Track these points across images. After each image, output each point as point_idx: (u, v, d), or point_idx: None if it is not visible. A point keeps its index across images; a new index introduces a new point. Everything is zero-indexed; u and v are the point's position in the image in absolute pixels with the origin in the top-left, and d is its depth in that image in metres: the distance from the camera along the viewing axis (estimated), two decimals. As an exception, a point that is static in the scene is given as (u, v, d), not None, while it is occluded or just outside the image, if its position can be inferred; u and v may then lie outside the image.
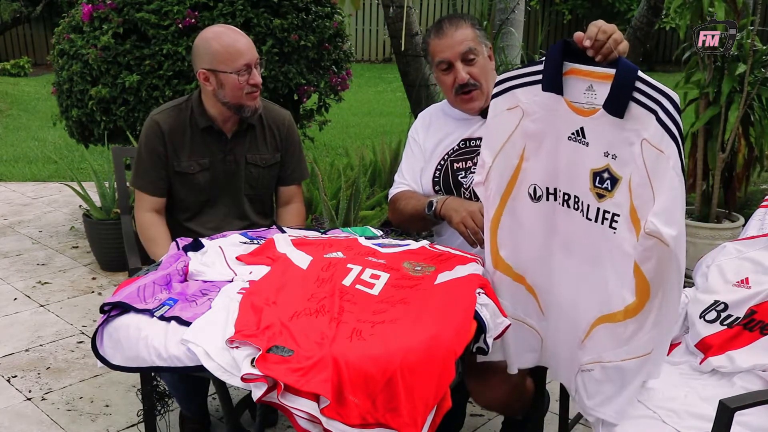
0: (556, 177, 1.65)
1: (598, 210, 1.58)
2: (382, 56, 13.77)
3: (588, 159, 1.57)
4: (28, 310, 3.41)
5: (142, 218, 2.27)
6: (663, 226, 1.42)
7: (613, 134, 1.51)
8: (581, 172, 1.59)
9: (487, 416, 2.52)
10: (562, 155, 1.62)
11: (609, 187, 1.54)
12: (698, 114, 3.81)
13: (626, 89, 1.47)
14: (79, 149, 5.79)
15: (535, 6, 12.88)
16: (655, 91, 1.45)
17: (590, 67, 1.54)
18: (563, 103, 1.59)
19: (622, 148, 1.50)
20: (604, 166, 1.54)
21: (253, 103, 2.21)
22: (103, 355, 1.51)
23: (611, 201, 1.55)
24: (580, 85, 1.56)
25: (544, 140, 1.64)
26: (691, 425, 1.59)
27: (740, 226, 3.70)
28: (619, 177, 1.52)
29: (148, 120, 2.26)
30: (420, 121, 2.27)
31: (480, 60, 2.05)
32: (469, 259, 1.77)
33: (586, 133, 1.56)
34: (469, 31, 2.05)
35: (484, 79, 2.05)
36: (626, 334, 1.57)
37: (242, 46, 2.14)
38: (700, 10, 3.67)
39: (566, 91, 1.58)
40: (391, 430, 1.30)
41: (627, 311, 1.55)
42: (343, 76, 4.38)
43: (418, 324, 1.45)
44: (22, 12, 11.12)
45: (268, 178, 2.38)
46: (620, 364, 1.59)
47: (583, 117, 1.56)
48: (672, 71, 12.01)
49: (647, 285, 1.51)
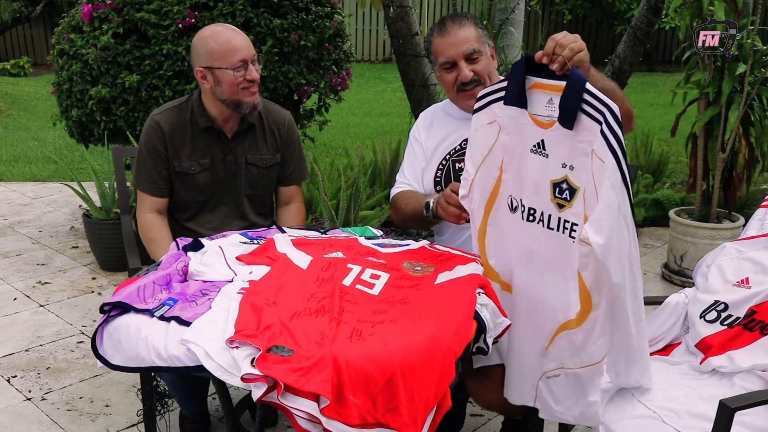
0: (521, 189, 1.71)
1: (559, 220, 1.63)
2: (382, 56, 13.77)
3: (549, 170, 1.63)
4: (28, 310, 3.41)
5: (144, 219, 2.27)
6: (593, 234, 1.47)
7: (569, 145, 1.57)
8: (543, 184, 1.65)
9: (487, 416, 2.52)
10: (528, 167, 1.68)
11: (568, 197, 1.60)
12: (698, 114, 3.81)
13: (574, 101, 1.52)
14: (79, 149, 5.79)
15: (535, 6, 12.86)
16: (600, 103, 1.50)
17: (551, 81, 1.59)
18: (527, 117, 1.65)
19: (578, 158, 1.56)
20: (563, 177, 1.60)
21: (251, 99, 2.20)
22: (102, 355, 1.51)
23: (570, 211, 1.60)
24: (542, 98, 1.62)
25: (515, 153, 1.71)
26: (691, 425, 1.59)
27: (740, 226, 3.70)
28: (577, 187, 1.57)
29: (149, 120, 2.26)
30: (421, 121, 2.27)
31: (483, 59, 2.06)
32: (469, 259, 1.77)
33: (546, 145, 1.63)
34: (472, 30, 2.06)
35: (487, 75, 2.06)
36: (578, 341, 1.61)
37: (238, 43, 2.15)
38: (699, 10, 3.67)
39: (530, 105, 1.65)
40: (391, 430, 1.30)
41: (578, 319, 1.60)
42: (343, 76, 4.38)
43: (418, 324, 1.45)
44: (22, 12, 11.12)
45: (269, 178, 2.38)
46: (577, 371, 1.64)
47: (543, 129, 1.62)
48: (672, 71, 12.01)
49: (588, 293, 1.56)
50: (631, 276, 1.52)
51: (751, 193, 4.45)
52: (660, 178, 5.04)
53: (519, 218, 1.72)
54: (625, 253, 1.50)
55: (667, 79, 11.12)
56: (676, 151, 5.90)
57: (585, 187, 1.55)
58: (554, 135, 1.60)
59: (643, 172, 4.98)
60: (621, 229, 1.48)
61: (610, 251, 1.47)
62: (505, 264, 1.78)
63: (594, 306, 1.56)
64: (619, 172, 1.46)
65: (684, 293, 2.02)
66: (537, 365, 1.72)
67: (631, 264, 1.52)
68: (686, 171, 4.16)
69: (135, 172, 2.29)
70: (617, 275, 1.49)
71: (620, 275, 1.50)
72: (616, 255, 1.48)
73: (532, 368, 1.73)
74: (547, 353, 1.69)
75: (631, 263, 1.52)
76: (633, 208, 1.51)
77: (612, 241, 1.47)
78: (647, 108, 8.91)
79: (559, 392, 1.69)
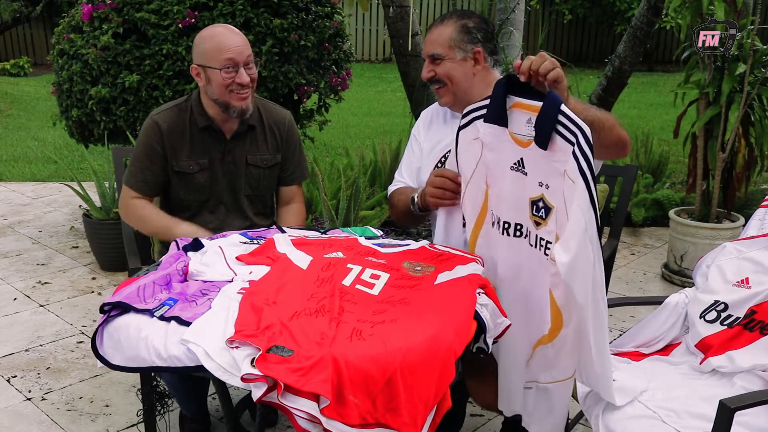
0: (500, 205, 1.77)
1: (536, 237, 1.68)
2: (382, 56, 13.77)
3: (527, 188, 1.67)
4: (28, 310, 3.41)
5: (127, 204, 2.27)
6: (559, 254, 1.53)
7: (546, 164, 1.61)
8: (522, 201, 1.69)
9: (487, 416, 2.52)
10: (507, 184, 1.73)
11: (543, 215, 1.65)
12: (698, 114, 3.81)
13: (549, 121, 1.56)
14: (79, 149, 5.79)
15: (535, 6, 12.87)
16: (574, 125, 1.53)
17: (532, 101, 1.62)
18: (507, 135, 1.69)
19: (554, 178, 1.60)
20: (540, 195, 1.65)
21: (239, 103, 2.19)
22: (102, 355, 1.51)
23: (545, 229, 1.65)
24: (522, 117, 1.65)
25: (496, 169, 1.75)
26: (691, 425, 1.59)
27: (740, 226, 3.70)
28: (552, 206, 1.62)
29: (148, 119, 2.26)
30: (422, 120, 2.29)
31: (447, 63, 2.05)
32: (469, 259, 1.77)
33: (525, 163, 1.67)
34: (447, 32, 2.05)
35: (448, 78, 2.06)
36: (550, 356, 1.67)
37: (231, 43, 2.14)
38: (699, 10, 3.67)
39: (510, 124, 1.68)
40: (391, 430, 1.30)
41: (550, 335, 1.66)
42: (343, 76, 4.38)
43: (418, 324, 1.45)
44: (22, 12, 11.11)
45: (269, 178, 2.38)
46: (548, 386, 1.71)
47: (523, 148, 1.66)
48: (672, 71, 12.02)
49: (559, 311, 1.61)
50: (594, 299, 1.54)
51: (750, 193, 4.45)
52: (660, 178, 5.04)
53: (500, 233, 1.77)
54: (589, 275, 1.52)
55: (667, 79, 11.12)
56: (676, 151, 5.90)
57: (558, 207, 1.60)
58: (532, 154, 1.64)
59: (643, 172, 4.98)
60: (587, 251, 1.51)
61: (574, 272, 1.52)
62: (493, 275, 1.81)
63: (564, 324, 1.62)
64: (587, 194, 1.49)
65: (684, 293, 2.02)
66: (522, 375, 1.78)
67: (595, 287, 1.53)
68: (686, 171, 4.16)
69: (128, 169, 2.29)
70: (580, 296, 1.53)
71: (583, 296, 1.53)
72: (580, 276, 1.52)
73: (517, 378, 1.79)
74: (528, 366, 1.75)
75: (594, 286, 1.53)
76: (600, 231, 1.54)
77: (577, 263, 1.51)
78: (647, 108, 8.91)
79: (529, 404, 1.77)
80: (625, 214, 2.55)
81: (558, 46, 13.52)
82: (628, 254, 4.25)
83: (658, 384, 1.76)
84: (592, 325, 1.56)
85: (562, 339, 1.64)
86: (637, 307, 3.36)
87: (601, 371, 1.62)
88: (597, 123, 1.75)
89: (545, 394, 1.73)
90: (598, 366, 1.61)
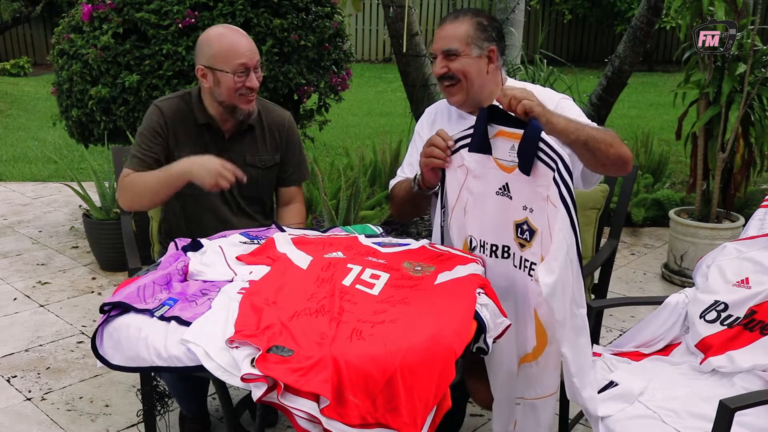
0: (484, 229, 1.82)
1: (521, 258, 1.76)
2: (382, 56, 13.77)
3: (513, 211, 1.75)
4: (28, 310, 3.41)
5: (122, 183, 2.18)
6: (543, 275, 1.62)
7: (530, 189, 1.69)
8: (508, 224, 1.76)
9: (487, 416, 2.52)
10: (492, 209, 1.79)
11: (528, 237, 1.73)
12: (698, 114, 3.81)
13: (530, 148, 1.65)
14: (79, 149, 5.79)
15: (535, 6, 12.87)
16: (553, 152, 1.62)
17: (514, 129, 1.70)
18: (492, 161, 1.77)
19: (537, 202, 1.68)
20: (524, 218, 1.73)
21: (246, 106, 2.20)
22: (102, 355, 1.51)
23: (530, 251, 1.72)
24: (506, 144, 1.73)
25: (480, 195, 1.81)
26: (691, 425, 1.59)
27: (740, 226, 3.70)
28: (536, 229, 1.70)
29: (151, 106, 2.25)
30: (426, 117, 2.28)
31: (463, 59, 2.02)
32: (469, 259, 1.77)
33: (510, 188, 1.75)
34: (463, 28, 2.02)
35: (463, 74, 2.02)
36: (533, 374, 1.75)
37: (243, 48, 2.14)
38: (700, 10, 3.67)
39: (495, 150, 1.76)
40: (391, 430, 1.30)
41: (534, 353, 1.74)
42: (343, 76, 4.38)
43: (418, 324, 1.45)
44: (22, 12, 11.12)
45: (268, 179, 2.37)
46: (533, 402, 1.78)
47: (507, 173, 1.74)
48: (672, 71, 12.01)
49: (543, 329, 1.70)
50: (572, 315, 1.63)
51: (750, 193, 4.45)
52: (660, 178, 5.04)
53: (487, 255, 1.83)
54: (568, 293, 1.62)
55: (667, 79, 11.12)
56: (676, 151, 5.90)
57: (542, 230, 1.67)
58: (517, 179, 1.71)
59: (643, 172, 4.98)
60: (567, 271, 1.61)
61: (555, 292, 1.61)
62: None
63: (549, 341, 1.70)
64: (568, 219, 1.59)
65: (684, 293, 2.02)
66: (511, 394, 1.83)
67: (573, 303, 1.63)
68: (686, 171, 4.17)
69: (131, 153, 2.24)
70: (559, 313, 1.62)
71: (561, 314, 1.62)
72: (560, 296, 1.61)
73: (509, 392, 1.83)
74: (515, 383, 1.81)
75: (573, 302, 1.63)
76: (580, 253, 1.62)
77: (558, 283, 1.60)
78: (647, 108, 8.91)
79: (519, 421, 1.82)
80: (625, 214, 2.55)
81: (558, 46, 13.51)
82: (628, 254, 4.25)
83: (658, 384, 1.76)
84: (568, 341, 1.64)
85: (546, 356, 1.72)
86: (637, 307, 3.36)
87: (580, 385, 1.68)
88: (591, 141, 1.78)
89: (532, 409, 1.79)
90: (577, 380, 1.67)
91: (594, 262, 2.36)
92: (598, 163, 1.85)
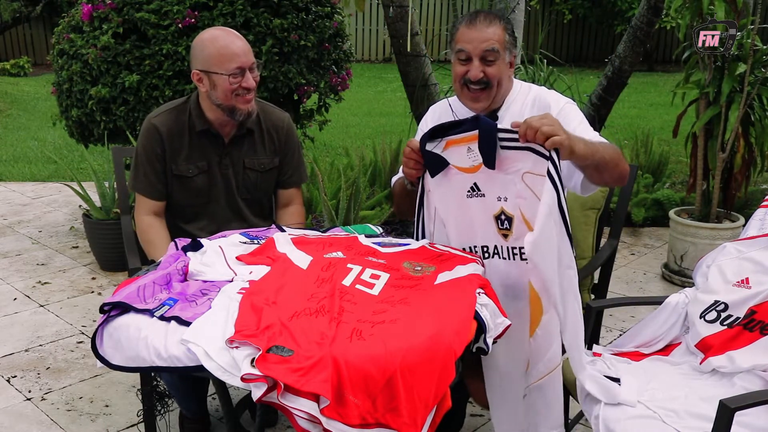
0: (469, 234, 1.85)
1: (509, 249, 1.80)
2: (382, 56, 13.76)
3: (489, 208, 1.79)
4: (28, 310, 3.41)
5: (142, 221, 2.27)
6: (527, 237, 1.64)
7: (500, 180, 1.74)
8: (489, 221, 1.81)
9: (487, 416, 2.52)
10: (468, 212, 1.82)
11: (508, 226, 1.78)
12: (698, 114, 3.81)
13: (491, 143, 1.71)
14: (79, 149, 5.79)
15: (535, 6, 12.87)
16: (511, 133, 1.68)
17: (461, 134, 1.77)
18: (453, 170, 1.81)
19: (509, 189, 1.74)
20: (500, 210, 1.78)
21: (245, 106, 2.19)
22: (102, 355, 1.51)
23: (513, 237, 1.77)
24: (461, 150, 1.78)
25: (451, 203, 1.85)
26: (691, 425, 1.59)
27: (740, 226, 3.70)
28: (512, 215, 1.76)
29: (146, 123, 2.26)
30: (430, 115, 2.25)
31: (500, 63, 1.95)
32: (469, 259, 1.77)
33: (480, 186, 1.79)
34: (500, 32, 1.95)
35: (497, 80, 1.96)
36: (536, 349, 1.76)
37: (237, 49, 2.14)
38: (700, 10, 3.67)
39: (452, 160, 1.80)
40: (391, 430, 1.30)
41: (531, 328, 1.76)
42: (343, 76, 4.38)
43: (418, 324, 1.45)
44: (22, 12, 11.12)
45: (267, 182, 2.37)
46: (539, 383, 1.77)
47: (472, 173, 1.78)
48: (672, 71, 12.01)
49: (538, 298, 1.72)
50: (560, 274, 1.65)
51: (750, 193, 4.45)
52: (660, 178, 5.04)
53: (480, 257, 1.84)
54: (554, 251, 1.63)
55: (667, 79, 11.12)
56: (676, 151, 5.90)
57: (521, 212, 1.73)
58: (484, 176, 1.76)
59: (643, 172, 4.97)
60: (550, 229, 1.62)
61: (537, 247, 1.62)
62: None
63: (544, 309, 1.71)
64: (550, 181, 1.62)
65: (684, 293, 2.02)
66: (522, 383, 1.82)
67: (561, 260, 1.64)
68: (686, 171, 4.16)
69: (132, 175, 2.29)
70: (546, 271, 1.64)
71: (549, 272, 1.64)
72: (545, 251, 1.63)
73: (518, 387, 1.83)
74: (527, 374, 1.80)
75: (560, 259, 1.64)
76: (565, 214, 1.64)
77: (539, 238, 1.62)
78: (647, 108, 8.91)
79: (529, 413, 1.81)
80: (625, 214, 2.55)
81: (558, 46, 13.51)
82: (628, 254, 4.25)
83: (659, 384, 1.76)
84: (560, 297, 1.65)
85: (544, 326, 1.73)
86: (637, 307, 3.36)
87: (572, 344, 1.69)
88: (602, 164, 1.79)
89: (539, 391, 1.78)
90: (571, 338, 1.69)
91: (594, 262, 2.36)
92: (602, 180, 1.87)
